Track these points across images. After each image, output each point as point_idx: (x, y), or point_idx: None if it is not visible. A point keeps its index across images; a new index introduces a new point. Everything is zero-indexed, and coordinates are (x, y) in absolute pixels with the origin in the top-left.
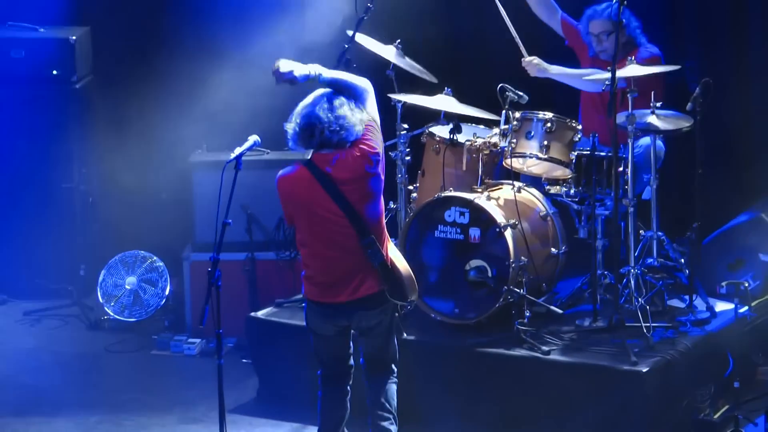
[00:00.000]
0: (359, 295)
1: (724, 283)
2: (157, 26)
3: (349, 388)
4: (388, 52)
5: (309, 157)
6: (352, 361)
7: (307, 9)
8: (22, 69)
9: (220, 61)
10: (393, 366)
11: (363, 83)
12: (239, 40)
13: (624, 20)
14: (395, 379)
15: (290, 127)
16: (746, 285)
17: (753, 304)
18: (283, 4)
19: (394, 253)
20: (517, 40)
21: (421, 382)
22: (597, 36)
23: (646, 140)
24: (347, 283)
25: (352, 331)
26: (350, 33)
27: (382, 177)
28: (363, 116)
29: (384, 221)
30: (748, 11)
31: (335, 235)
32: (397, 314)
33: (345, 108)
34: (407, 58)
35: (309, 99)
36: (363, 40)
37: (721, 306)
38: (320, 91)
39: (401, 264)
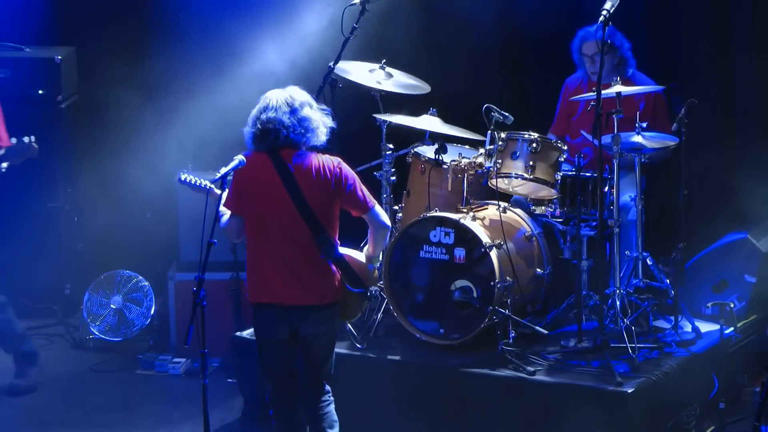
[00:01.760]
0: (311, 296)
1: (709, 304)
2: (142, 46)
3: (301, 413)
4: (371, 78)
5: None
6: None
7: (296, 29)
8: (8, 88)
9: (206, 80)
10: (327, 384)
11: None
12: (225, 59)
13: (617, 42)
14: (331, 399)
15: (248, 130)
16: (731, 306)
17: (738, 325)
18: (272, 24)
19: (344, 250)
20: None
21: (406, 403)
22: (590, 57)
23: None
24: (299, 283)
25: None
26: (331, 64)
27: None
28: (325, 119)
29: (337, 224)
30: (732, 31)
31: (288, 230)
32: (366, 301)
33: (306, 109)
34: (394, 76)
35: (267, 102)
36: (347, 68)
37: (706, 327)
38: (278, 93)
39: (354, 258)
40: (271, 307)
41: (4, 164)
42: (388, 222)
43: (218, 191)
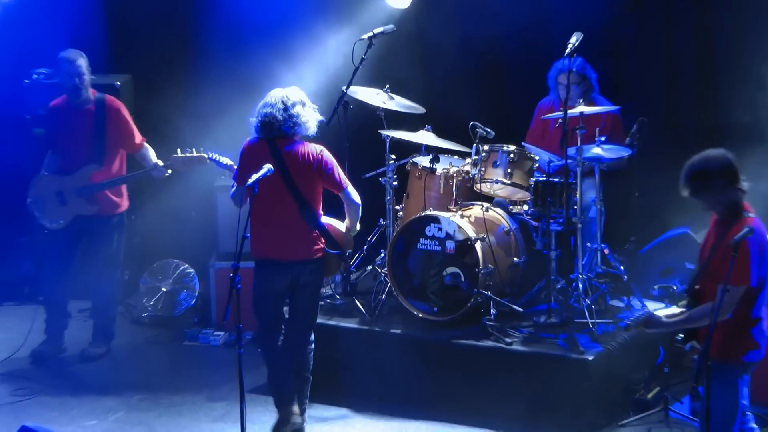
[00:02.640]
0: (301, 253)
1: (656, 287)
2: (191, 75)
3: (281, 345)
4: (377, 99)
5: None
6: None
7: (320, 64)
8: None
9: (249, 100)
10: (312, 331)
11: (356, 209)
12: (268, 76)
13: (588, 74)
14: (313, 347)
15: (253, 120)
16: (674, 288)
17: (680, 303)
18: (300, 60)
19: (328, 220)
20: None
21: (405, 369)
22: (565, 85)
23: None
24: (291, 243)
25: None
26: (345, 88)
27: (326, 175)
28: (316, 115)
29: (320, 198)
30: (678, 60)
31: (280, 202)
32: (342, 263)
33: (298, 107)
34: (395, 99)
35: (269, 99)
36: (356, 90)
37: (653, 305)
38: (278, 92)
39: (334, 226)
40: (270, 261)
41: (169, 171)
42: (358, 200)
43: (235, 166)
